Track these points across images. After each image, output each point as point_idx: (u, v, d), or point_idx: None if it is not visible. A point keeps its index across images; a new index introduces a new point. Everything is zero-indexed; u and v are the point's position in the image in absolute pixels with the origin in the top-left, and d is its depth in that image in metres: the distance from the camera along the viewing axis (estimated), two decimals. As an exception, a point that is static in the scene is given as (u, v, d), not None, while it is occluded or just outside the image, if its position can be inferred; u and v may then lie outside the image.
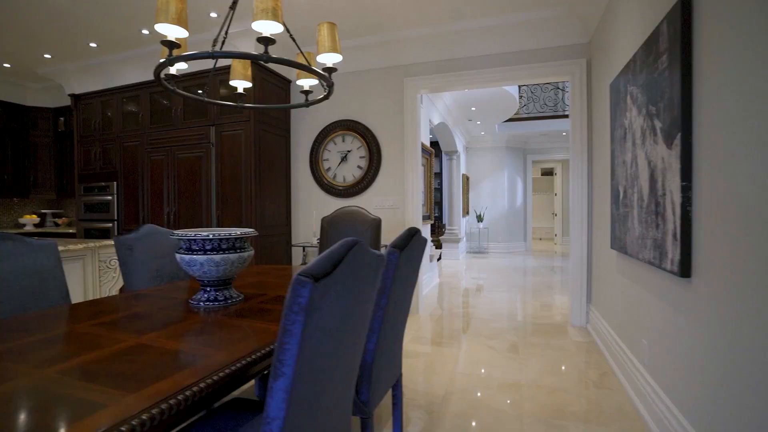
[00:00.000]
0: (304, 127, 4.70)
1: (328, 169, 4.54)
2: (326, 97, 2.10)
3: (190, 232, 1.64)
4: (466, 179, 9.95)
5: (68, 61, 4.96)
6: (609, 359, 2.94)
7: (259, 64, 4.11)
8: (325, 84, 1.91)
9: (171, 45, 1.58)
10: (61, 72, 5.13)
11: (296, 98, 4.76)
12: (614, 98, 2.67)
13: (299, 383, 0.89)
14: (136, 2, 3.54)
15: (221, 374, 1.00)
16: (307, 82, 2.25)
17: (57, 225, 6.27)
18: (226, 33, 1.84)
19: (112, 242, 3.16)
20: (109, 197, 5.00)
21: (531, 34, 3.87)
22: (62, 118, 6.04)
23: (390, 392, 2.01)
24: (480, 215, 10.09)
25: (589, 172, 3.76)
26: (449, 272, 7.20)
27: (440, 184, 9.22)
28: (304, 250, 4.54)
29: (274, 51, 1.60)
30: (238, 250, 1.66)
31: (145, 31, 4.09)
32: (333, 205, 4.53)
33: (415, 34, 4.10)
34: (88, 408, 0.81)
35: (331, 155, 4.53)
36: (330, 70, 1.89)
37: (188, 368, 1.02)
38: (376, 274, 1.17)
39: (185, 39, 1.81)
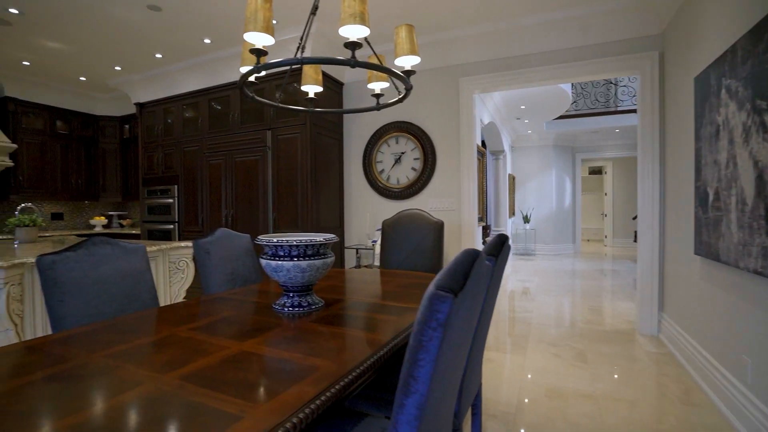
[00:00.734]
0: (357, 130, 4.72)
1: (382, 171, 4.53)
2: (401, 100, 2.07)
3: (275, 238, 1.66)
4: (512, 179, 9.70)
5: (135, 72, 5.23)
6: (692, 373, 2.74)
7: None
8: (404, 87, 1.88)
9: (259, 53, 1.60)
10: (128, 82, 5.42)
11: (348, 100, 4.78)
12: (701, 93, 2.49)
13: (429, 400, 0.85)
14: (201, 13, 3.66)
15: (339, 386, 0.99)
16: (378, 86, 2.23)
17: (122, 226, 6.64)
18: (303, 39, 1.85)
19: (181, 244, 3.28)
20: (170, 200, 5.22)
21: (594, 28, 3.69)
22: (127, 126, 6.39)
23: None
24: (526, 216, 9.80)
25: (662, 172, 3.53)
26: (498, 275, 7.01)
27: (485, 184, 9.02)
28: (357, 253, 4.56)
29: (324, 53, 1.58)
30: (323, 256, 1.66)
31: (207, 41, 4.24)
32: (386, 207, 4.52)
33: (470, 33, 4.02)
34: (227, 419, 0.81)
35: (384, 157, 4.52)
36: (409, 73, 1.86)
37: (305, 379, 1.01)
38: (486, 284, 1.12)
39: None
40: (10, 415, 0.85)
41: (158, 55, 4.65)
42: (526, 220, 9.81)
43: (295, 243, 1.59)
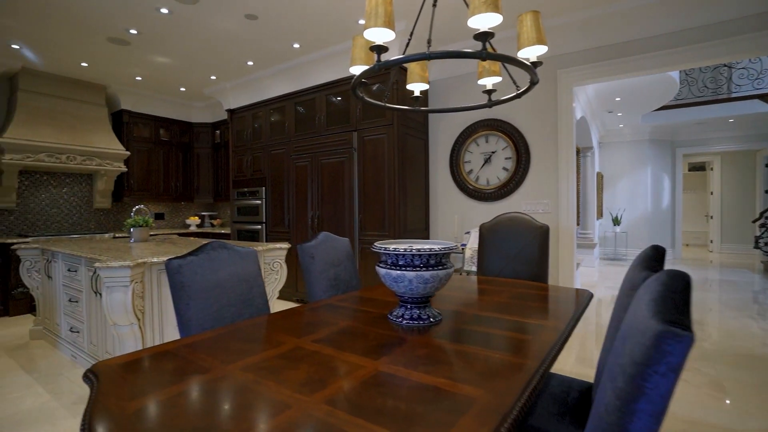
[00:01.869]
0: (444, 129, 4.56)
1: (470, 172, 4.33)
2: (519, 96, 1.89)
3: (393, 246, 1.57)
4: (600, 178, 8.95)
5: (227, 80, 5.53)
6: None
7: (400, 66, 4.07)
8: (520, 82, 1.70)
9: (380, 49, 1.51)
10: (221, 90, 5.75)
11: (435, 99, 4.64)
12: None
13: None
14: (293, 19, 3.73)
15: (508, 424, 0.85)
16: (490, 81, 2.06)
17: (213, 225, 7.10)
18: (429, 33, 1.74)
19: (277, 246, 3.35)
20: (258, 201, 5.44)
21: (717, 3, 3.19)
22: (218, 131, 6.81)
23: None
24: (616, 218, 8.98)
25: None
26: (586, 281, 6.48)
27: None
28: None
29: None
30: (445, 266, 1.54)
31: (296, 45, 4.33)
32: (475, 209, 4.32)
33: (568, 20, 3.68)
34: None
35: (473, 157, 4.32)
36: (536, 64, 1.67)
37: (466, 413, 0.88)
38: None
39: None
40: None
41: (250, 63, 4.86)
42: (617, 222, 8.99)
43: (417, 252, 1.48)
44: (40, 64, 4.85)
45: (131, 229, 3.82)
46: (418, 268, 1.49)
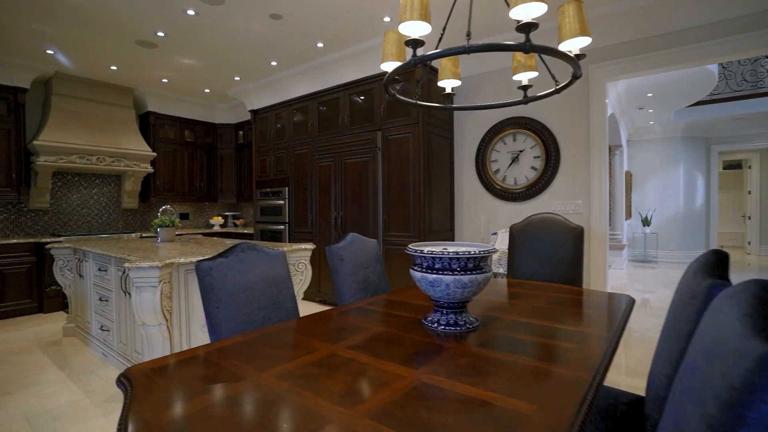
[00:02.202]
0: (469, 128, 4.46)
1: (497, 171, 4.22)
2: (558, 91, 1.79)
3: (428, 248, 1.50)
4: (629, 177, 8.66)
5: (251, 81, 5.56)
6: None
7: (423, 63, 4.00)
8: (573, 74, 1.61)
9: (416, 43, 1.45)
10: (244, 91, 5.79)
11: (461, 96, 4.56)
12: None
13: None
14: (318, 18, 3.71)
15: (570, 450, 0.78)
16: (525, 76, 1.97)
17: (236, 225, 7.16)
18: (468, 26, 1.67)
19: (302, 246, 3.32)
20: (281, 202, 5.45)
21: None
22: (241, 132, 6.87)
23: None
24: (646, 218, 8.67)
25: None
26: (615, 284, 6.26)
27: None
28: (468, 257, 4.31)
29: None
30: (482, 270, 1.46)
31: (320, 44, 4.30)
32: (502, 209, 4.21)
33: (601, 13, 3.54)
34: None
35: (500, 156, 4.21)
36: (579, 56, 1.58)
37: (521, 430, 0.81)
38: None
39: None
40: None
41: (273, 63, 4.86)
42: (646, 222, 8.68)
43: (454, 255, 1.42)
44: (73, 69, 4.97)
45: (158, 229, 3.87)
46: (456, 272, 1.42)
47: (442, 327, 1.50)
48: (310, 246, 3.33)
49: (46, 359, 3.34)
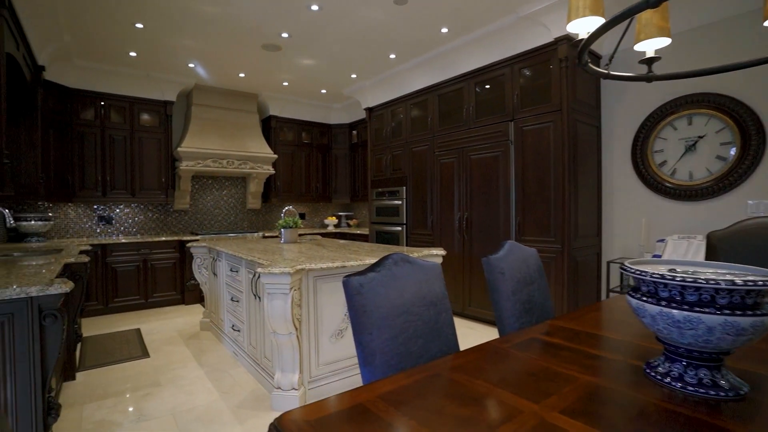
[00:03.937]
0: (624, 112, 3.70)
1: (662, 164, 3.42)
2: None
3: (661, 268, 1.01)
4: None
5: (367, 78, 5.43)
6: None
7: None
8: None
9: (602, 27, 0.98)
10: (360, 89, 5.69)
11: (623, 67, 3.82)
12: None
13: None
14: (440, 2, 3.34)
15: None
16: (650, 45, 1.35)
17: (349, 226, 7.18)
18: None
19: (433, 251, 2.98)
20: (398, 202, 5.22)
21: None
22: (354, 131, 6.84)
23: None
24: None
25: None
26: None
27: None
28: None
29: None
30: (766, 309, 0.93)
31: (444, 30, 3.93)
32: (668, 210, 3.40)
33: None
34: None
35: (667, 144, 3.39)
36: None
37: None
38: None
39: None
40: None
41: (392, 56, 4.63)
42: None
43: (722, 284, 0.91)
44: (208, 79, 5.33)
45: (281, 230, 3.86)
46: (725, 311, 0.92)
47: (691, 389, 1.00)
48: (441, 251, 2.98)
49: (188, 352, 3.51)
